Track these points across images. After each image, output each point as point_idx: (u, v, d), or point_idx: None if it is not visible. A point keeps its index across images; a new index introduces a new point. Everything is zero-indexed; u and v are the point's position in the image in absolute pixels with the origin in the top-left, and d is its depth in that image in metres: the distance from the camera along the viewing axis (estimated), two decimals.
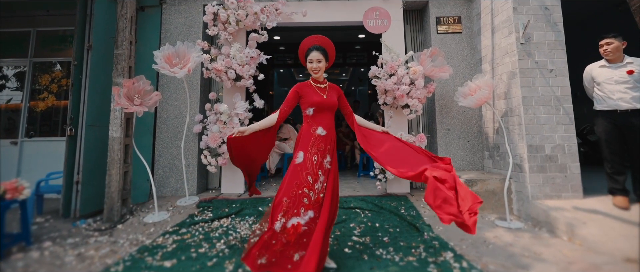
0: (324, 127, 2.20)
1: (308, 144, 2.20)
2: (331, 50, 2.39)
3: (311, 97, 2.21)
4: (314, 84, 2.30)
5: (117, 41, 3.20)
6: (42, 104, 4.39)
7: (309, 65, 2.26)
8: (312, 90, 2.26)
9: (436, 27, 3.96)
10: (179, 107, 3.85)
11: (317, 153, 2.18)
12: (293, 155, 2.19)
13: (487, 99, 3.11)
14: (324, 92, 2.26)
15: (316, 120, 2.21)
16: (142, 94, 3.06)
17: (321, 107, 2.22)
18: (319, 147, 2.18)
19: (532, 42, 3.09)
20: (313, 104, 2.20)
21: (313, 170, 2.11)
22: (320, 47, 2.29)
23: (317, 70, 2.26)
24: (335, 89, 2.36)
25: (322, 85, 2.31)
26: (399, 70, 3.41)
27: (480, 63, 3.78)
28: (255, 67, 3.63)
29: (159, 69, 2.97)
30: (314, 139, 2.17)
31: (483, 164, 3.74)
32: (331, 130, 2.26)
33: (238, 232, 2.73)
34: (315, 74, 2.26)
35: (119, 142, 3.09)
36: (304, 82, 2.31)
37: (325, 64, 2.29)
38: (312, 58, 2.23)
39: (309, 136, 2.21)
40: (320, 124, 2.19)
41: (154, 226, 2.93)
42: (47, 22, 4.47)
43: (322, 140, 2.19)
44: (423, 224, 2.85)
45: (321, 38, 2.35)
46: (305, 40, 2.33)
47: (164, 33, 3.96)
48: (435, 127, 3.86)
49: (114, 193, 3.03)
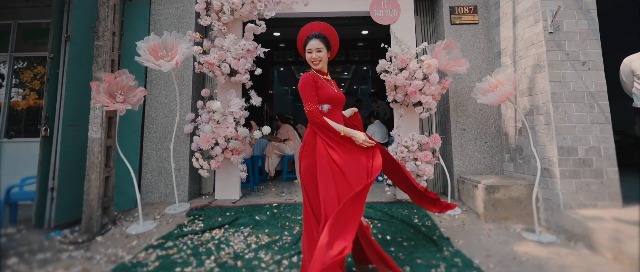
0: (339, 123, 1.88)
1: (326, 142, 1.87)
2: (333, 38, 2.05)
3: (325, 90, 1.86)
4: (322, 76, 1.96)
5: (97, 31, 2.88)
6: (23, 102, 4.08)
7: (308, 56, 1.93)
8: (323, 82, 1.92)
9: (450, 18, 3.63)
10: (169, 104, 3.53)
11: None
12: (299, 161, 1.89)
13: (509, 95, 2.77)
14: (332, 85, 1.96)
15: (331, 117, 1.86)
16: (125, 90, 2.73)
17: (335, 102, 1.89)
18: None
19: (561, 32, 2.75)
20: (328, 98, 1.85)
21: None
22: (320, 34, 1.96)
23: (317, 61, 1.92)
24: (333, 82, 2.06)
25: (328, 77, 2.00)
26: (411, 63, 3.07)
27: (499, 56, 3.44)
28: (252, 61, 3.31)
29: (142, 61, 2.64)
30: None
31: (503, 168, 3.40)
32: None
33: (231, 246, 2.40)
34: (316, 65, 1.92)
35: (99, 143, 2.77)
36: (312, 72, 1.95)
37: (326, 54, 1.95)
38: (311, 47, 1.91)
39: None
40: (334, 120, 1.85)
41: (137, 238, 2.61)
42: (30, 15, 4.15)
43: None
44: (441, 236, 2.52)
45: (321, 24, 2.02)
46: (303, 28, 2.01)
47: (153, 24, 3.63)
48: (450, 127, 3.52)
49: (93, 201, 2.71)
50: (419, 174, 3.11)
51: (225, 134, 3.13)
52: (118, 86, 2.70)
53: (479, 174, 3.40)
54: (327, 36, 1.98)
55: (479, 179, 3.11)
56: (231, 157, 3.24)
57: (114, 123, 2.95)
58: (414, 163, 3.07)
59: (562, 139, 2.63)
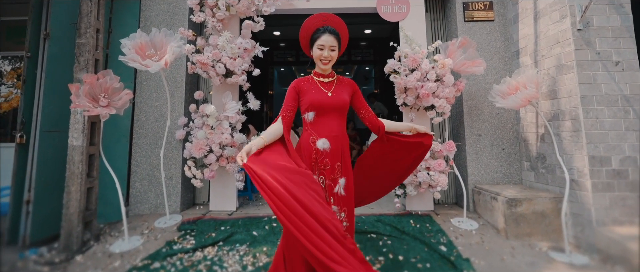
0: (328, 137, 1.62)
1: (309, 163, 1.61)
2: (345, 36, 1.81)
3: (310, 95, 1.64)
4: (317, 78, 1.72)
5: (80, 28, 2.62)
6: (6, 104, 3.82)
7: (318, 53, 1.66)
8: (313, 86, 1.68)
9: (464, 14, 3.36)
10: (160, 108, 3.27)
11: (323, 174, 1.62)
12: None
13: (532, 99, 2.51)
14: (328, 88, 1.69)
15: (317, 128, 1.64)
16: (109, 92, 2.48)
17: (323, 108, 1.64)
18: (324, 165, 1.61)
19: (591, 28, 2.49)
20: (312, 104, 1.63)
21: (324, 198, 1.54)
22: (335, 30, 1.70)
23: (328, 60, 1.68)
24: (347, 85, 1.77)
25: (328, 79, 1.73)
26: (423, 64, 2.81)
27: (517, 56, 3.18)
28: (249, 61, 3.04)
29: (127, 61, 2.38)
30: (315, 156, 1.61)
31: (521, 177, 3.13)
32: (340, 141, 1.67)
33: (225, 269, 2.14)
34: (325, 65, 1.68)
35: (80, 151, 2.51)
36: (304, 77, 1.73)
37: (337, 54, 1.71)
38: (324, 44, 1.65)
39: (308, 150, 1.63)
40: (322, 133, 1.62)
41: (121, 258, 2.34)
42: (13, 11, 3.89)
43: (328, 156, 1.61)
44: (459, 257, 2.25)
45: (334, 18, 1.75)
46: (311, 18, 1.73)
47: (144, 21, 3.37)
48: (463, 132, 3.25)
49: (73, 215, 2.45)
50: (431, 184, 2.85)
51: (220, 141, 2.87)
52: (101, 88, 2.44)
53: (496, 184, 3.13)
54: (340, 34, 1.74)
55: (498, 190, 2.85)
56: (227, 165, 2.98)
57: (98, 129, 2.69)
58: (427, 172, 2.81)
59: (594, 147, 2.37)
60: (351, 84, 1.82)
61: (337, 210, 1.59)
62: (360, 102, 1.84)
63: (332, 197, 1.60)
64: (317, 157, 1.62)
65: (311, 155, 1.62)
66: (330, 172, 1.63)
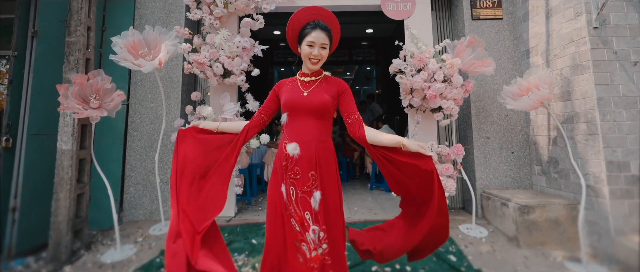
0: (300, 141, 1.43)
1: (280, 171, 1.46)
2: (338, 33, 1.61)
3: (285, 95, 1.51)
4: (299, 77, 1.56)
5: (69, 26, 2.49)
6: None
7: (308, 51, 1.48)
8: (292, 85, 1.54)
9: (471, 12, 3.24)
10: (155, 109, 3.14)
11: (293, 184, 1.42)
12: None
13: (545, 100, 2.39)
14: (307, 88, 1.50)
15: (290, 131, 1.47)
16: (100, 93, 2.34)
17: (295, 109, 1.47)
18: (295, 174, 1.42)
19: (608, 27, 2.37)
20: (284, 104, 1.50)
21: (297, 211, 1.39)
22: (327, 27, 1.52)
23: (318, 60, 1.50)
24: (333, 85, 1.54)
25: (310, 78, 1.54)
26: (430, 63, 2.69)
27: (527, 55, 3.06)
28: (248, 61, 2.91)
29: (119, 60, 2.25)
30: (286, 163, 1.44)
31: (531, 182, 3.01)
32: (315, 147, 1.44)
33: None
34: (314, 64, 1.50)
35: (70, 156, 2.38)
36: (291, 77, 1.59)
37: (327, 53, 1.53)
38: (314, 41, 1.47)
39: (279, 156, 1.48)
40: (293, 137, 1.45)
41: (113, 268, 2.21)
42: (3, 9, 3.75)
43: (299, 163, 1.42)
44: (470, 267, 2.13)
45: (325, 12, 1.56)
46: (299, 11, 1.55)
47: (138, 19, 3.24)
48: (471, 135, 3.13)
49: (61, 223, 2.32)
50: None
51: None
52: (92, 89, 2.31)
53: (505, 189, 3.01)
54: (332, 31, 1.56)
55: (508, 195, 2.73)
56: None
57: (89, 132, 2.56)
58: None
59: (611, 152, 2.25)
60: (339, 84, 1.55)
61: (317, 230, 1.36)
62: (346, 106, 1.52)
63: (307, 212, 1.37)
64: (287, 164, 1.43)
65: (281, 161, 1.45)
66: (302, 183, 1.40)
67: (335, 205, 1.45)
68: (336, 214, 1.45)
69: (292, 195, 1.41)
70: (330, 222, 1.41)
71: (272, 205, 1.46)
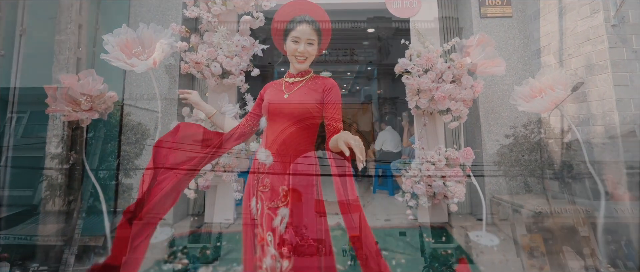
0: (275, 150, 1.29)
1: (251, 180, 1.34)
2: (328, 30, 1.45)
3: (267, 97, 1.39)
4: (285, 78, 1.43)
5: (59, 23, 2.37)
6: None
7: (293, 48, 1.34)
8: (277, 87, 1.41)
9: (479, 10, 3.12)
10: (151, 111, 3.01)
11: (261, 198, 1.28)
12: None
13: (560, 101, 2.28)
14: (290, 89, 1.36)
15: (266, 137, 1.35)
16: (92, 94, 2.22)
17: (273, 112, 1.33)
18: (264, 186, 1.28)
19: (627, 25, 2.25)
20: (264, 107, 1.38)
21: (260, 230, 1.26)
22: (314, 21, 1.36)
23: (304, 58, 1.36)
24: (320, 84, 1.37)
25: (295, 78, 1.39)
26: (438, 63, 2.57)
27: (538, 55, 2.94)
28: (248, 60, 2.79)
29: (110, 59, 2.13)
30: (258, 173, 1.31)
31: (543, 187, 2.89)
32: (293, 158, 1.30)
33: None
34: (300, 62, 1.36)
35: (59, 160, 2.26)
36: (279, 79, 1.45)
37: (316, 50, 1.38)
38: (299, 36, 1.33)
39: (254, 164, 1.36)
40: (268, 143, 1.31)
41: None
42: None
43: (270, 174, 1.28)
44: None
45: (314, 6, 1.43)
46: (286, 6, 1.43)
47: (133, 17, 3.11)
48: (480, 138, 3.01)
49: (50, 231, 2.19)
50: (448, 195, 2.61)
51: None
52: (83, 90, 2.19)
53: (516, 194, 2.89)
54: (321, 27, 1.40)
55: (519, 201, 2.61)
56: (223, 175, 2.73)
57: (81, 135, 2.43)
58: (443, 183, 2.56)
59: (631, 157, 2.13)
60: (325, 83, 1.38)
61: (276, 256, 1.17)
62: (327, 106, 1.33)
63: (269, 232, 1.20)
64: (259, 174, 1.30)
65: (254, 170, 1.32)
66: (270, 197, 1.24)
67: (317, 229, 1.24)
68: (308, 247, 1.21)
69: (258, 210, 1.27)
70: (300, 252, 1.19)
71: (244, 222, 1.34)
